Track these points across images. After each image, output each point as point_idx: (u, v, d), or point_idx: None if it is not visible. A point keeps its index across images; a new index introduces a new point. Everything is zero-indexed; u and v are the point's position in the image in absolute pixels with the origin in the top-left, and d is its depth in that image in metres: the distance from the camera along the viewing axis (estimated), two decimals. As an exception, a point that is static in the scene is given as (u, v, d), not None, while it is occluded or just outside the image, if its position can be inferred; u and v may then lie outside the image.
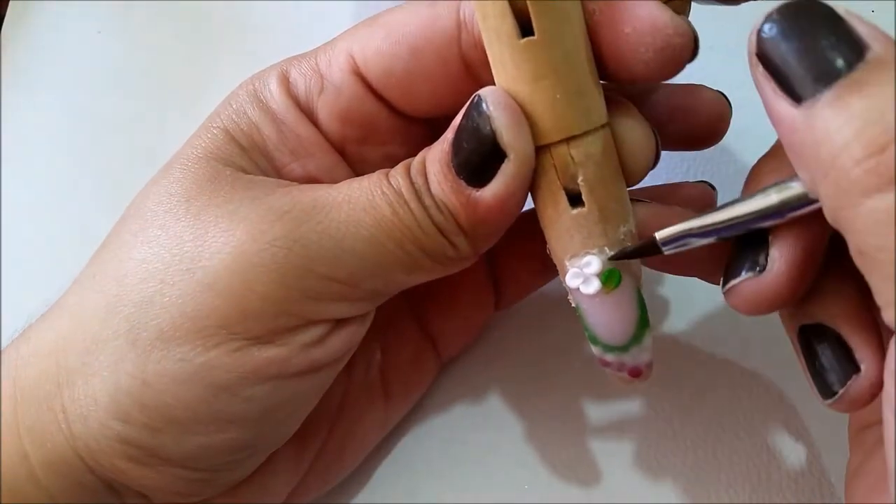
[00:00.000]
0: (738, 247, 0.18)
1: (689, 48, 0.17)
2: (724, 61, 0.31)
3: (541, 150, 0.18)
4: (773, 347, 0.27)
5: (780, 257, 0.17)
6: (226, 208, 0.19)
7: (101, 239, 0.21)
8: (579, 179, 0.18)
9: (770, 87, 0.15)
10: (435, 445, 0.26)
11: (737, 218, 0.17)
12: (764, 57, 0.15)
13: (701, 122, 0.22)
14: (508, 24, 0.17)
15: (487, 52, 0.18)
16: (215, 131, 0.20)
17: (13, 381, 0.19)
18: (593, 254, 0.18)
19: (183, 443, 0.19)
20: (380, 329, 0.24)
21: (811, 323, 0.18)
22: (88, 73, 0.34)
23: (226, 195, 0.19)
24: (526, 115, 0.18)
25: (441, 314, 0.25)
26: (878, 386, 0.17)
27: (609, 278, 0.18)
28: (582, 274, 0.18)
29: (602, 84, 0.18)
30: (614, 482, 0.25)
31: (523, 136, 0.18)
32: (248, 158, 0.20)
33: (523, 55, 0.17)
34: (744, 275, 0.17)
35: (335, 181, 0.20)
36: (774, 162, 0.18)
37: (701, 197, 0.23)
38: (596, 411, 0.26)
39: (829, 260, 0.18)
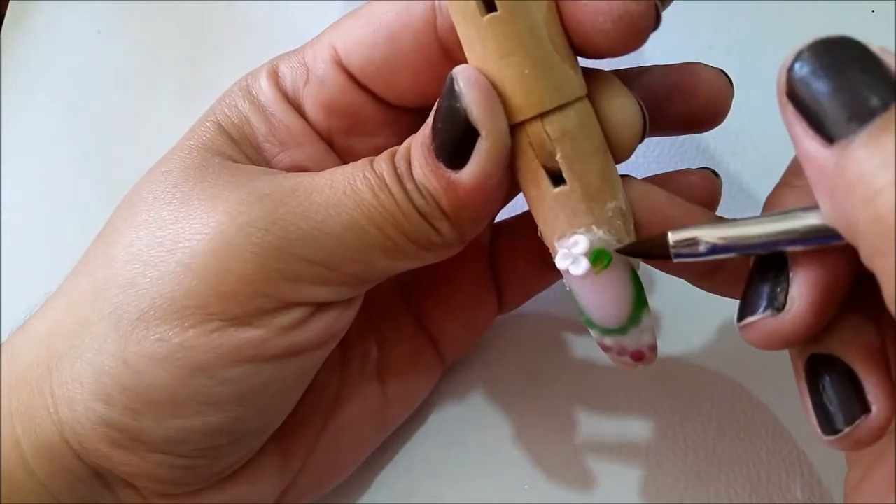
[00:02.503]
0: (756, 275, 0.17)
1: (650, 15, 0.17)
2: (723, 61, 0.32)
3: (516, 128, 0.18)
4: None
5: (800, 297, 0.16)
6: (210, 192, 0.19)
7: (101, 238, 0.21)
8: (557, 156, 0.17)
9: (801, 126, 0.14)
10: (434, 446, 0.26)
11: (758, 237, 0.16)
12: (795, 96, 0.14)
13: (700, 102, 0.21)
14: (472, 1, 0.17)
15: (458, 33, 0.18)
16: (208, 124, 0.21)
17: (7, 367, 0.20)
18: (580, 233, 0.18)
19: (162, 426, 0.19)
20: (376, 324, 0.24)
21: (823, 353, 0.17)
22: (88, 73, 0.34)
23: (212, 181, 0.19)
24: (498, 93, 0.17)
25: (440, 313, 0.25)
26: (885, 429, 0.16)
27: (598, 258, 0.18)
28: (570, 255, 0.18)
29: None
30: (614, 482, 0.25)
31: (494, 113, 0.17)
32: (239, 149, 0.21)
33: (488, 32, 0.17)
34: (761, 313, 0.16)
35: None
36: (794, 195, 0.17)
37: (704, 184, 0.22)
38: (595, 411, 0.26)
39: (853, 292, 0.17)
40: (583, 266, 0.18)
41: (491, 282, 0.25)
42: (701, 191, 0.21)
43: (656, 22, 0.17)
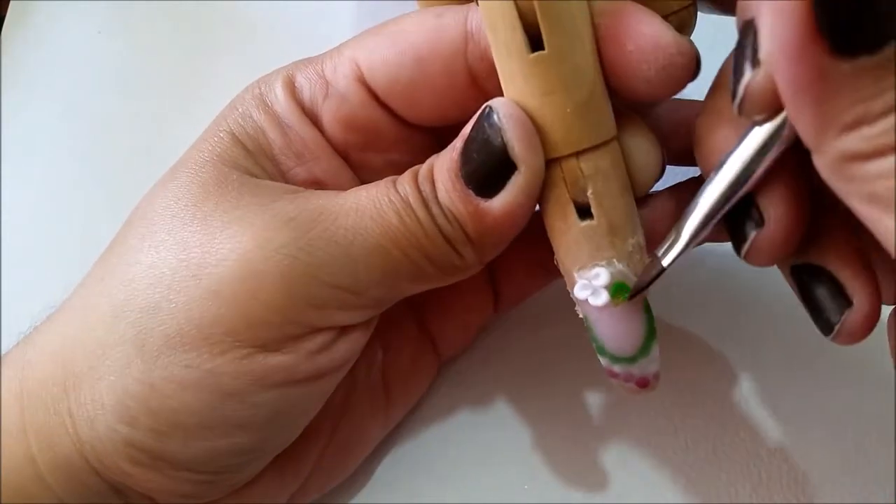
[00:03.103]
0: (731, 215, 0.18)
1: (692, 67, 0.17)
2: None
3: (550, 163, 0.18)
4: (774, 346, 0.27)
5: (770, 206, 0.17)
6: (233, 214, 0.19)
7: (101, 239, 0.21)
8: (588, 192, 0.18)
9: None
10: (435, 446, 0.26)
11: (718, 201, 0.17)
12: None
13: None
14: (518, 38, 0.17)
15: (496, 64, 0.18)
16: (221, 135, 0.20)
17: (20, 383, 0.19)
18: (602, 266, 0.18)
19: (189, 447, 0.19)
20: (381, 330, 0.24)
21: (802, 263, 0.18)
22: (88, 73, 0.34)
23: (232, 200, 0.19)
24: (535, 128, 0.18)
25: (440, 315, 0.25)
26: (872, 318, 0.18)
27: (618, 291, 0.18)
28: (591, 286, 0.18)
29: None
30: (614, 481, 0.25)
31: (535, 149, 0.18)
32: (254, 161, 0.20)
33: (533, 69, 0.17)
34: (752, 234, 0.17)
35: (339, 185, 0.20)
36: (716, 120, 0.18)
37: None
38: (595, 410, 0.26)
39: (818, 207, 0.18)
40: (603, 298, 0.18)
41: (489, 285, 0.25)
42: None
43: (696, 72, 0.18)
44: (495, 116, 0.17)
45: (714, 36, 0.31)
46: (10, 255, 0.31)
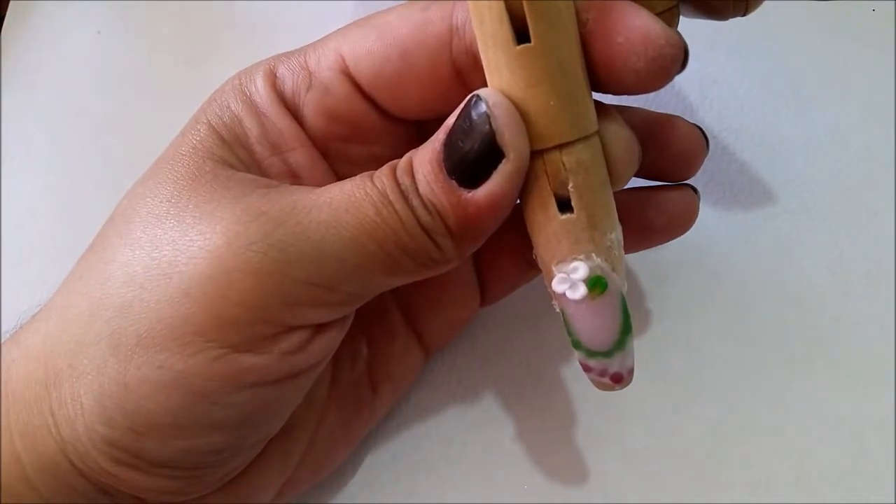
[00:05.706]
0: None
1: (680, 59, 0.17)
2: (724, 61, 0.32)
3: (533, 155, 0.18)
4: (774, 346, 0.27)
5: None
6: (205, 209, 0.19)
7: (101, 239, 0.21)
8: (569, 186, 0.18)
9: None
10: (434, 445, 0.26)
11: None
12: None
13: (672, 155, 0.22)
14: (505, 29, 0.17)
15: (482, 56, 0.18)
16: (199, 126, 0.20)
17: (5, 384, 0.19)
18: (581, 259, 0.18)
19: (166, 446, 0.19)
20: (366, 323, 0.24)
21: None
22: (88, 73, 0.34)
23: (206, 194, 0.19)
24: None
25: (427, 310, 0.25)
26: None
27: (595, 284, 0.18)
28: (568, 279, 0.18)
29: None
30: (614, 482, 0.25)
31: (523, 137, 0.18)
32: (230, 151, 0.20)
33: (519, 61, 0.17)
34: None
35: (315, 177, 0.20)
36: None
37: (682, 199, 0.23)
38: (595, 411, 0.26)
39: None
40: (580, 291, 0.18)
41: (475, 279, 0.26)
42: (679, 205, 0.22)
43: (684, 64, 0.18)
44: (483, 105, 0.17)
45: (714, 35, 0.31)
46: (10, 255, 0.31)
